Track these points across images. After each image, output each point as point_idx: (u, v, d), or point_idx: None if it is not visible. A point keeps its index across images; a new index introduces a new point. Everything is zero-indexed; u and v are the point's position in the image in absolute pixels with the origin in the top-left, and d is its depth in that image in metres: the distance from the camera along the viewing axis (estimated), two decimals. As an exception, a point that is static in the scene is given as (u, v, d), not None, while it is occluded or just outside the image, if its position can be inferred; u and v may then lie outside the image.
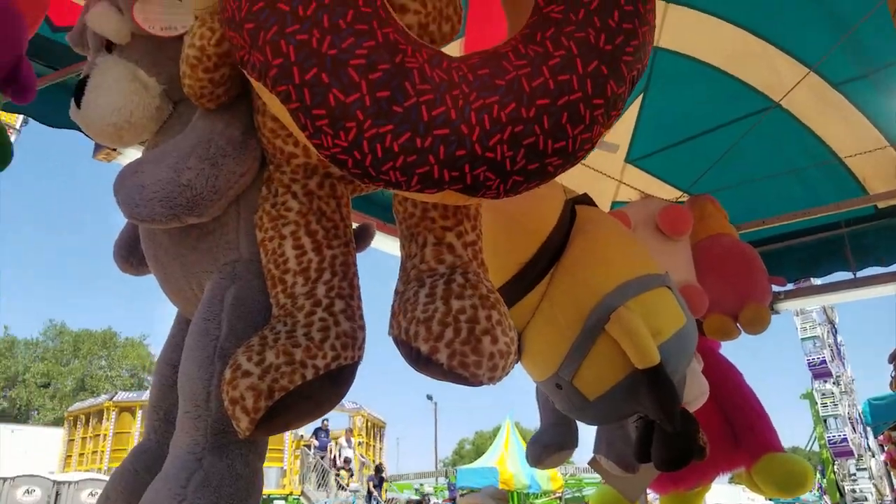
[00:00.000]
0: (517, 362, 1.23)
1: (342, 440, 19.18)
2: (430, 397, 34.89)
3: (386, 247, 2.98)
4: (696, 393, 2.16)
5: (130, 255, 1.71)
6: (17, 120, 22.63)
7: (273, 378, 1.11)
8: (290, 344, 1.15)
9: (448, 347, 1.10)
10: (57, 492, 13.28)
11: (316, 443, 18.26)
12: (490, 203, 2.19)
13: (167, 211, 1.29)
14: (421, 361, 1.13)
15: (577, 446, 2.42)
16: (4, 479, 13.12)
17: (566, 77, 1.03)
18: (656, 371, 1.78)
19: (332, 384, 1.17)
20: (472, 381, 1.10)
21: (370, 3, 1.05)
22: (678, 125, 3.36)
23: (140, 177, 1.32)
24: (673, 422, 1.79)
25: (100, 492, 1.49)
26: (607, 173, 3.35)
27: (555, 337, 1.98)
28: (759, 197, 3.54)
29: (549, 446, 2.40)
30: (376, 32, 1.03)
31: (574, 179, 2.25)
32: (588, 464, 2.48)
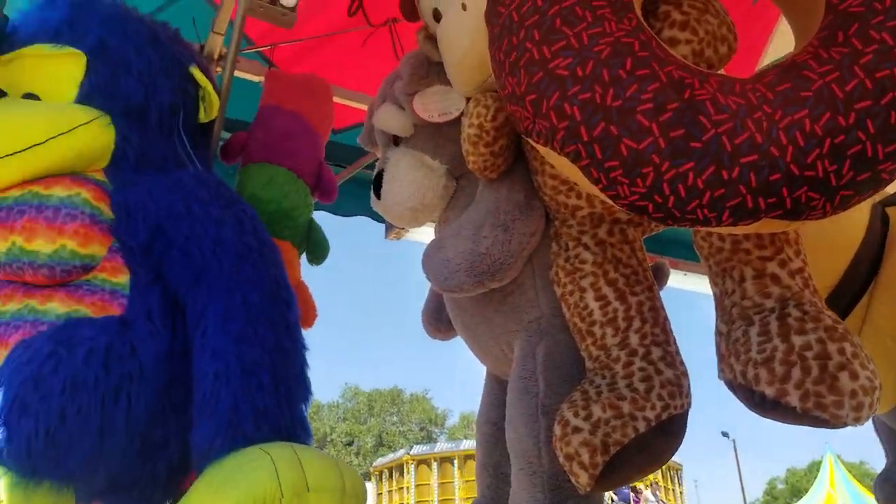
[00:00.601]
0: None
1: (647, 493, 18.25)
2: (725, 434, 31.79)
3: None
4: None
5: (437, 321, 1.86)
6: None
7: (605, 433, 1.11)
8: (615, 397, 1.15)
9: (798, 389, 1.01)
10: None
11: (615, 496, 17.59)
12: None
13: (472, 280, 1.38)
14: (767, 406, 1.05)
15: (939, 483, 2.06)
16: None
17: (886, 72, 0.92)
18: None
19: (665, 435, 1.14)
20: (834, 423, 1.00)
21: (645, 46, 1.04)
22: None
23: (444, 252, 1.44)
24: None
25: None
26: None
27: (889, 365, 1.73)
28: None
29: (902, 484, 2.07)
30: (658, 74, 1.01)
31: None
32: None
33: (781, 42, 2.49)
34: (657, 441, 1.13)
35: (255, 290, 1.43)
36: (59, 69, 1.54)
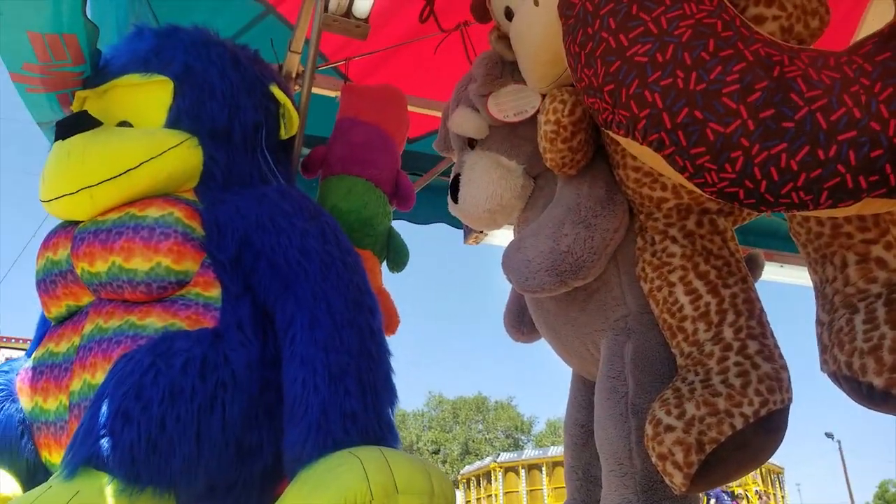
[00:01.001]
0: None
1: None
2: (829, 435, 29.99)
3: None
4: None
5: (520, 323, 1.83)
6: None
7: (699, 430, 1.06)
8: (709, 393, 1.10)
9: None
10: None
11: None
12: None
13: (554, 279, 1.35)
14: (875, 398, 0.99)
15: None
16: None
17: None
18: None
19: (764, 432, 1.08)
20: None
21: (729, 25, 1.00)
22: None
23: (524, 252, 1.41)
24: None
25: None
26: None
27: None
28: None
29: None
30: (744, 53, 0.97)
31: None
32: None
33: (879, 11, 2.34)
34: (756, 438, 1.08)
35: (340, 297, 1.45)
36: (149, 96, 1.62)
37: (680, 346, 1.25)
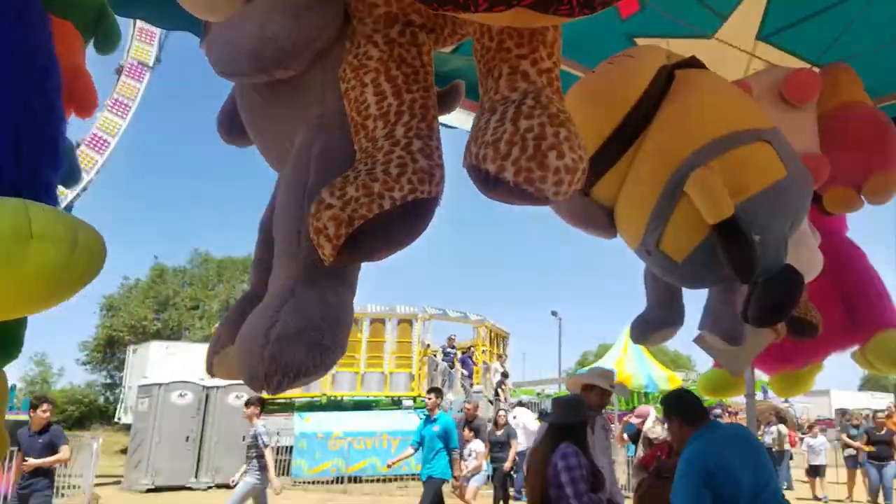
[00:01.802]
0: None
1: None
2: (554, 313, 34.77)
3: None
4: (805, 266, 2.05)
5: (231, 126, 1.78)
6: (150, 57, 23.90)
7: (353, 209, 1.14)
8: (370, 179, 1.18)
9: (514, 165, 1.08)
10: (206, 395, 14.67)
11: (441, 355, 18.40)
12: (581, 81, 2.13)
13: (255, 64, 1.33)
14: (489, 183, 1.13)
15: (682, 324, 2.36)
16: (160, 385, 14.72)
17: None
18: (728, 224, 1.74)
19: (408, 216, 1.19)
20: (538, 196, 1.09)
21: None
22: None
23: (229, 33, 1.36)
24: (749, 274, 1.77)
25: (244, 395, 1.61)
26: (739, 46, 3.07)
27: (638, 204, 1.95)
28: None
29: (651, 322, 2.36)
30: None
31: (703, 55, 2.17)
32: (693, 341, 2.40)
33: None
34: (399, 220, 1.18)
35: (6, 49, 1.29)
36: None
37: (360, 142, 1.31)
